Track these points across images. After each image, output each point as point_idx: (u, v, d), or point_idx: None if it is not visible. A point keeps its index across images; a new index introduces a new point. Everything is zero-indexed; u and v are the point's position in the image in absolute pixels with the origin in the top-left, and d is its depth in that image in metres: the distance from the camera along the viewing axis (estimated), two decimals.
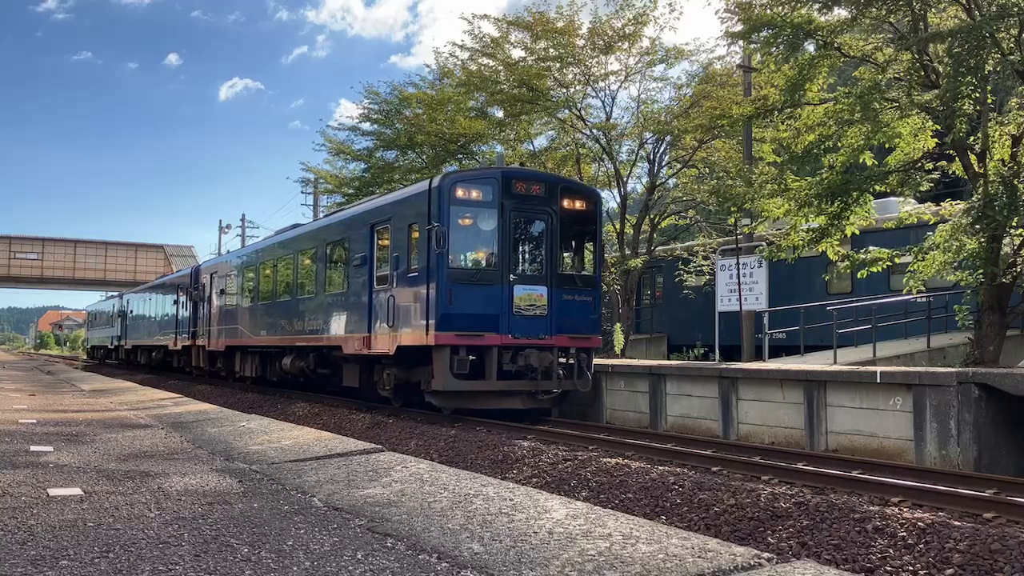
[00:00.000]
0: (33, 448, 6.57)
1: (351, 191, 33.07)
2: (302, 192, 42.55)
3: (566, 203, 13.65)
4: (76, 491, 4.66)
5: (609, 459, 8.97)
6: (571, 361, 13.29)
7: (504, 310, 12.75)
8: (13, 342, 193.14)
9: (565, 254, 13.90)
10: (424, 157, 29.53)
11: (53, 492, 4.62)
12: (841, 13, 14.21)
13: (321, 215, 35.91)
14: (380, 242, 14.59)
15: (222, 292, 24.23)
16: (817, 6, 14.02)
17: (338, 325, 15.69)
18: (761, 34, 14.63)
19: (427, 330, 12.53)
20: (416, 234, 13.25)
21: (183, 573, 3.02)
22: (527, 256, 13.76)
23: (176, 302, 29.47)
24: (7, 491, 4.61)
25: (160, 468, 5.62)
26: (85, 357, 74.05)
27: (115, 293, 57.57)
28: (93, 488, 4.77)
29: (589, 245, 14.27)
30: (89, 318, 63.47)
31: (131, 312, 39.90)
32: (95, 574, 3.00)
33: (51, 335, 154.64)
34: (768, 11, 14.33)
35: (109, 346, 46.97)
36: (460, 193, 12.87)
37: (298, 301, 18.07)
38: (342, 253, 16.18)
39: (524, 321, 12.85)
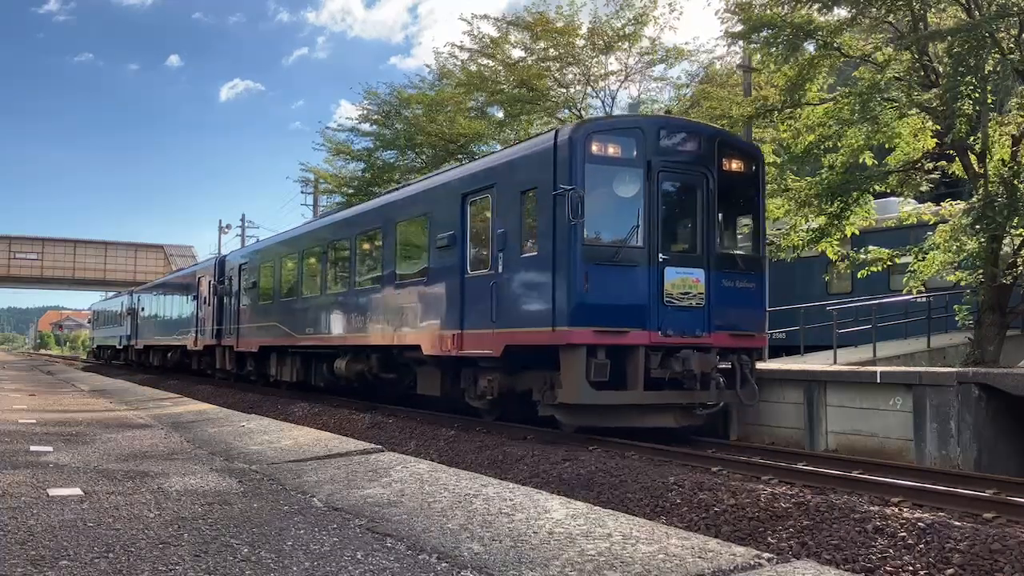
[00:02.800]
0: (33, 448, 6.57)
1: (351, 191, 33.09)
2: (302, 192, 42.46)
3: (725, 163, 10.94)
4: (76, 491, 4.66)
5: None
6: (730, 366, 10.53)
7: (652, 299, 10.08)
8: (13, 342, 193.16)
9: (724, 229, 11.15)
10: (423, 157, 29.55)
11: (53, 492, 4.61)
12: (841, 13, 14.20)
13: (321, 213, 35.82)
14: (476, 217, 11.94)
15: (254, 285, 21.38)
16: (817, 6, 14.01)
17: (413, 320, 13.10)
18: (761, 34, 14.62)
19: (553, 324, 9.93)
20: (533, 202, 10.74)
21: (183, 573, 3.02)
22: (679, 230, 11.06)
23: (196, 298, 26.59)
24: (7, 491, 4.61)
25: (160, 468, 5.62)
26: (85, 357, 74.06)
27: (114, 291, 57.61)
28: (93, 488, 4.77)
29: (749, 217, 11.49)
30: (94, 317, 60.90)
31: (143, 310, 37.05)
32: (95, 574, 3.00)
33: (51, 335, 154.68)
34: (768, 11, 14.33)
35: (117, 346, 44.41)
36: (596, 148, 10.19)
37: (356, 294, 15.46)
38: (419, 233, 13.59)
39: (676, 314, 10.20)
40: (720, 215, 10.87)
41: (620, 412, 10.31)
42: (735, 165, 11.10)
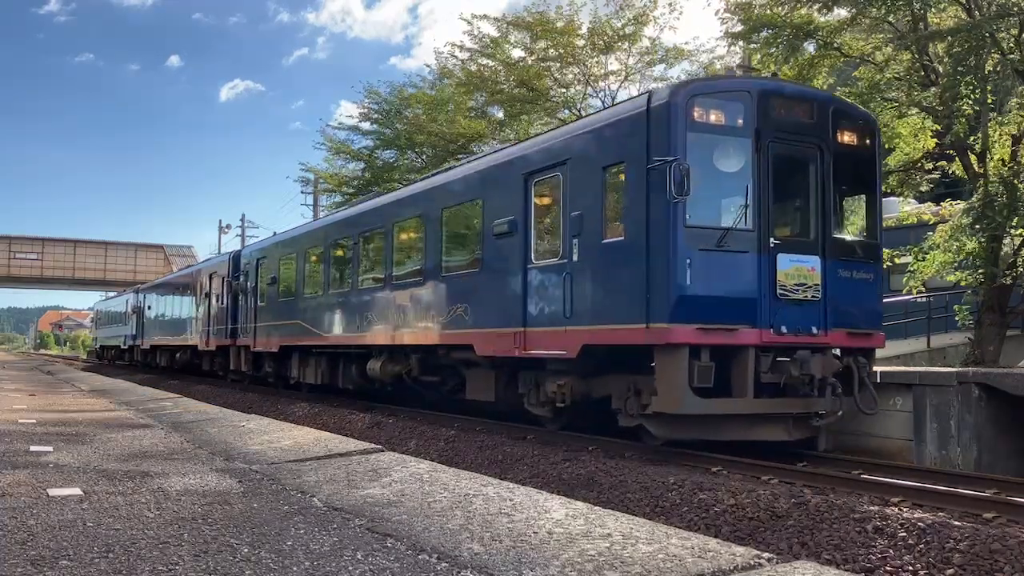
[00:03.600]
0: (33, 448, 6.57)
1: (351, 191, 33.10)
2: (302, 192, 42.54)
3: (839, 134, 9.57)
4: (76, 491, 4.66)
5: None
6: (843, 369, 9.11)
7: (763, 291, 8.79)
8: (13, 342, 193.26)
9: (839, 210, 9.79)
10: (424, 157, 29.56)
11: (53, 492, 4.61)
12: (841, 13, 14.21)
13: (322, 213, 35.78)
14: (543, 199, 10.67)
15: (273, 281, 19.88)
16: (817, 6, 14.02)
17: (463, 317, 11.83)
18: (761, 34, 14.64)
19: (647, 320, 8.58)
20: (619, 179, 9.40)
21: (183, 573, 3.02)
22: (790, 212, 9.84)
23: (208, 295, 25.05)
24: (7, 491, 4.61)
25: (160, 468, 5.62)
26: (85, 357, 74.06)
27: (115, 291, 57.52)
28: (93, 488, 4.77)
29: (864, 196, 10.15)
30: (97, 316, 58.89)
31: (149, 308, 35.38)
32: (95, 574, 3.00)
33: (51, 335, 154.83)
34: (768, 11, 14.34)
35: (122, 346, 42.64)
36: (698, 113, 8.79)
37: (393, 288, 14.06)
38: (470, 220, 12.35)
39: (789, 308, 8.88)
40: (835, 194, 9.53)
41: (723, 424, 8.91)
42: (850, 137, 9.69)
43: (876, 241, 9.91)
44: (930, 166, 14.46)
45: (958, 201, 15.01)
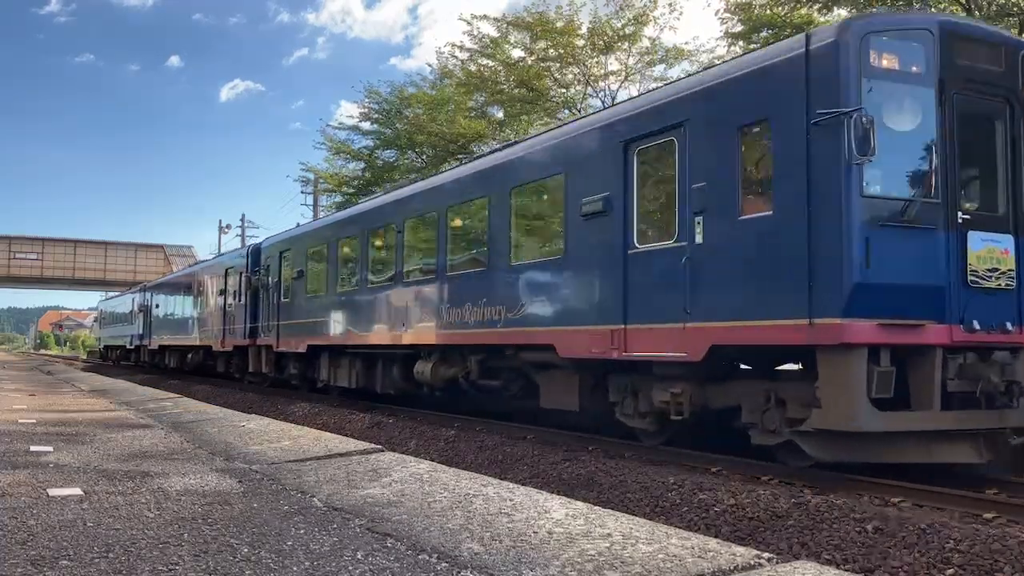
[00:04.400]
0: (33, 448, 6.57)
1: (351, 190, 33.13)
2: (302, 192, 42.60)
3: None
4: (76, 491, 4.66)
5: None
6: None
7: (953, 278, 7.26)
8: (13, 342, 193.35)
9: None
10: (424, 157, 29.58)
11: (53, 492, 4.62)
12: (841, 13, 14.23)
13: (323, 214, 35.70)
14: (649, 169, 9.00)
15: (300, 275, 18.19)
16: (817, 6, 14.04)
17: (540, 312, 10.33)
18: (761, 34, 14.66)
19: (810, 314, 7.03)
20: (762, 141, 7.83)
21: (183, 573, 3.02)
22: (977, 180, 8.07)
23: (223, 292, 23.49)
24: (7, 491, 4.61)
25: (160, 468, 5.62)
26: (86, 357, 74.04)
27: (116, 291, 57.46)
28: (93, 488, 4.77)
29: None
30: (101, 315, 56.25)
31: (157, 307, 33.71)
32: (95, 574, 3.00)
33: (51, 335, 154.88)
34: (768, 11, 14.36)
35: (128, 346, 40.80)
36: (873, 57, 7.21)
37: (447, 280, 12.55)
38: (550, 199, 10.85)
39: (981, 299, 7.34)
40: None
41: (899, 443, 7.32)
42: None
43: None
44: None
45: None
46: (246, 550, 3.35)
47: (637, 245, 8.90)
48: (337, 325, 16.23)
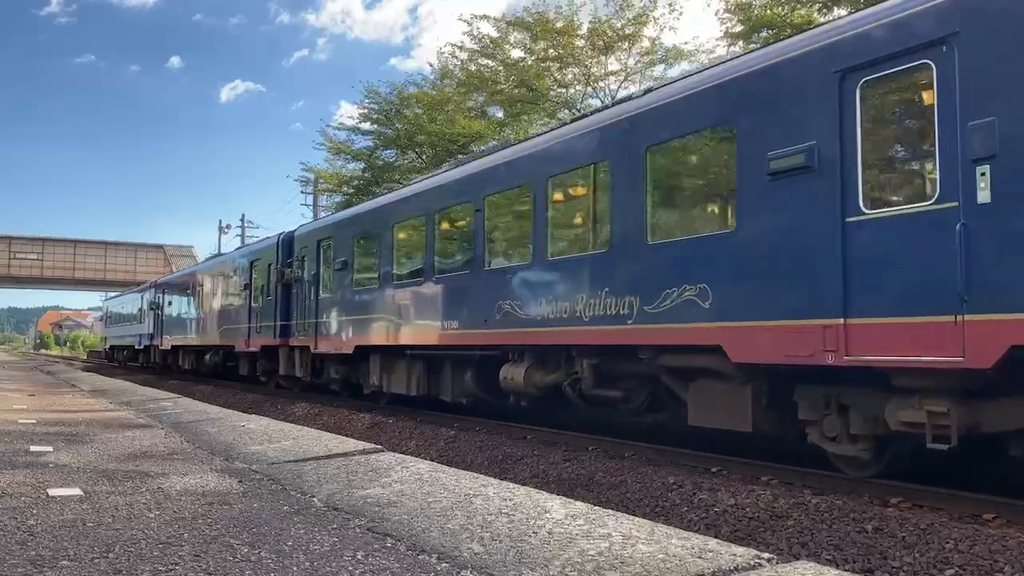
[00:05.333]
0: (33, 448, 6.57)
1: (351, 190, 33.14)
2: (302, 192, 42.66)
3: None
4: (76, 491, 4.66)
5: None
6: None
7: None
8: (13, 342, 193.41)
9: None
10: (424, 157, 29.60)
11: (53, 492, 4.61)
12: (841, 13, 14.23)
13: (322, 213, 35.64)
14: (877, 105, 6.90)
15: (345, 266, 16.10)
16: (817, 6, 14.05)
17: (699, 303, 8.04)
18: (761, 34, 14.66)
19: None
20: None
21: (183, 573, 3.02)
22: None
23: (247, 287, 21.45)
24: (7, 491, 4.61)
25: (160, 468, 5.62)
26: (86, 357, 74.05)
27: (116, 290, 57.42)
28: (93, 488, 4.77)
29: None
30: (107, 314, 53.34)
31: (169, 304, 31.48)
32: (95, 574, 3.00)
33: (51, 335, 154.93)
34: (768, 11, 14.36)
35: (136, 347, 38.56)
36: None
37: (547, 267, 10.38)
38: (711, 156, 8.76)
39: None
40: None
41: None
42: None
43: None
44: None
45: None
46: (246, 550, 3.35)
47: (864, 210, 6.73)
48: (393, 322, 14.07)
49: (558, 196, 10.73)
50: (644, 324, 8.76)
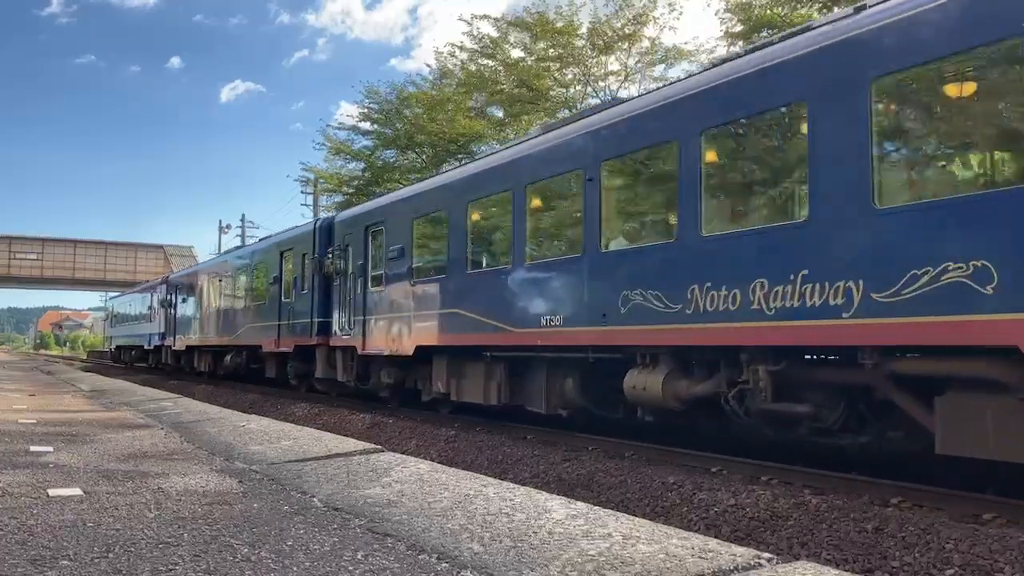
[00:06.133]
0: (33, 448, 6.57)
1: (351, 190, 33.14)
2: (302, 192, 42.67)
3: None
4: (76, 491, 4.66)
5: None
6: None
7: None
8: (13, 342, 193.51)
9: None
10: (424, 157, 29.60)
11: (53, 492, 4.61)
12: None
13: (322, 213, 35.64)
14: None
15: (401, 255, 13.93)
16: (817, 6, 14.04)
17: (977, 289, 5.94)
18: (761, 34, 14.65)
19: None
20: None
21: (183, 573, 3.02)
22: None
23: (277, 280, 19.52)
24: (7, 491, 4.61)
25: (160, 468, 5.62)
26: (86, 357, 74.04)
27: (116, 290, 57.42)
28: (93, 488, 4.77)
29: None
30: (112, 313, 50.52)
31: (184, 301, 29.23)
32: (95, 574, 3.00)
33: (51, 335, 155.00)
34: (768, 11, 14.36)
35: (145, 347, 36.15)
36: None
37: (703, 246, 8.22)
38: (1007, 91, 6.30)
39: None
40: None
41: None
42: None
43: None
44: None
45: None
46: (246, 550, 3.35)
47: None
48: (468, 318, 11.93)
49: (711, 157, 8.42)
50: (872, 318, 6.64)
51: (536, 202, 11.14)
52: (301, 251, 18.22)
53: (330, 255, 16.64)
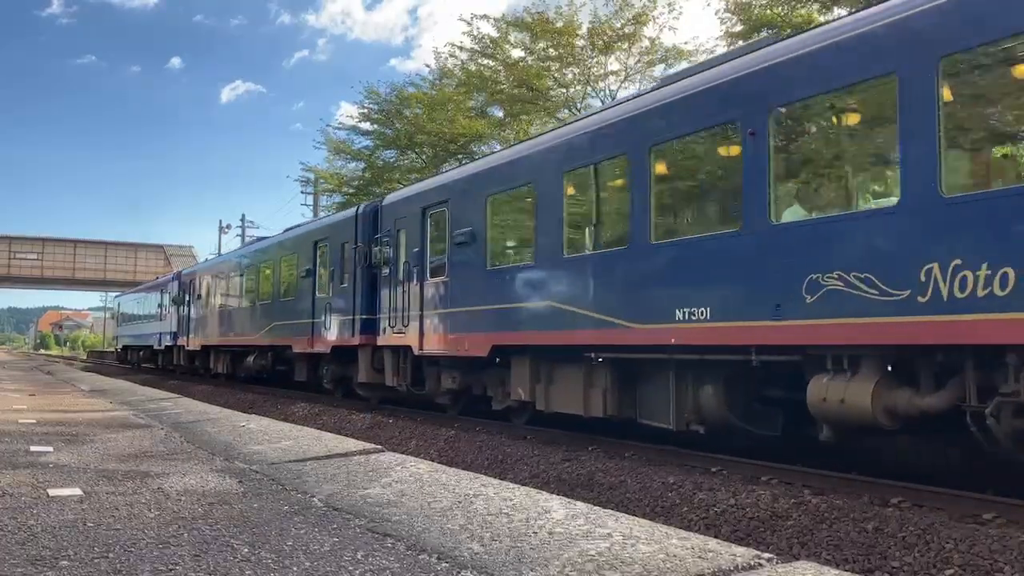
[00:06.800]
0: (33, 448, 6.58)
1: (351, 191, 33.15)
2: (302, 192, 42.68)
3: None
4: (76, 491, 4.66)
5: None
6: None
7: None
8: (13, 342, 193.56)
9: None
10: (424, 157, 29.60)
11: (53, 492, 4.61)
12: (841, 13, 14.23)
13: (323, 214, 35.61)
14: None
15: (470, 239, 11.90)
16: (817, 6, 14.05)
17: None
18: (761, 34, 14.66)
19: None
20: None
21: (183, 573, 3.02)
22: None
23: (312, 272, 17.61)
24: (7, 491, 4.61)
25: (160, 468, 5.62)
26: (85, 357, 74.06)
27: (116, 290, 57.39)
28: (93, 488, 4.77)
29: None
30: (119, 312, 48.03)
31: (199, 298, 27.14)
32: (95, 574, 3.00)
33: (51, 335, 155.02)
34: (768, 11, 14.37)
35: (156, 347, 33.98)
36: None
37: (942, 210, 6.19)
38: None
39: None
40: None
41: None
42: None
43: None
44: None
45: None
46: (246, 550, 3.35)
47: None
48: (564, 312, 9.90)
49: (959, 88, 6.54)
50: None
51: (665, 167, 9.08)
52: (340, 240, 16.39)
53: (378, 243, 14.69)
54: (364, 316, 15.12)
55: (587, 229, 10.33)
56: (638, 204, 9.01)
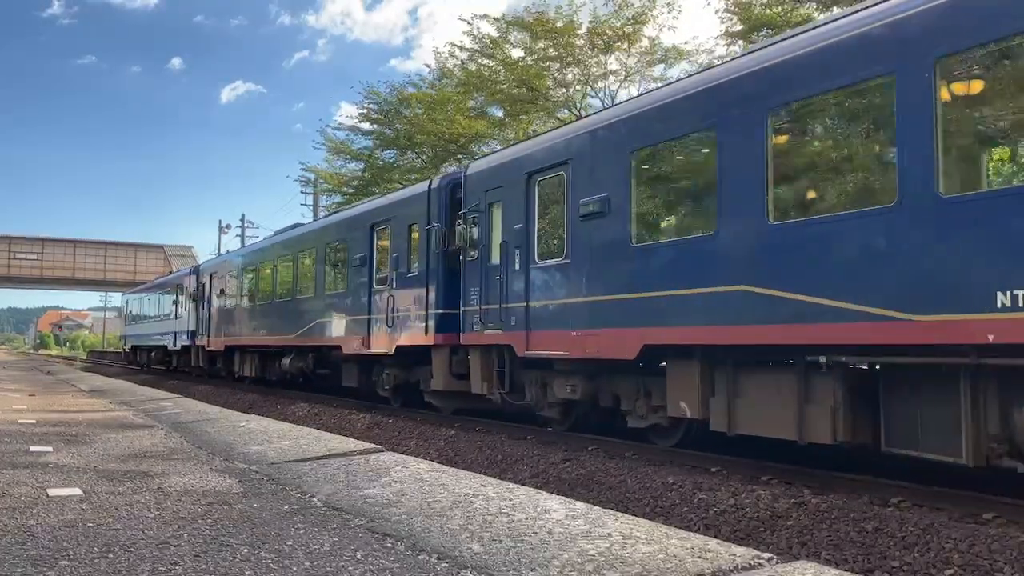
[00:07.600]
0: (33, 448, 6.57)
1: (351, 191, 33.15)
2: (302, 192, 42.71)
3: None
4: (76, 491, 4.66)
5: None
6: None
7: None
8: (13, 342, 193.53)
9: None
10: (424, 157, 29.61)
11: (53, 492, 4.61)
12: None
13: (322, 214, 35.58)
14: None
15: (602, 210, 9.46)
16: (816, 5, 14.05)
17: None
18: (761, 33, 14.66)
19: None
20: None
21: (183, 573, 3.02)
22: None
23: (367, 261, 15.16)
24: (7, 491, 4.61)
25: (160, 468, 5.62)
26: (85, 357, 73.99)
27: (117, 290, 57.29)
28: (93, 488, 4.77)
29: None
30: (127, 310, 44.39)
31: (221, 293, 24.56)
32: (95, 574, 3.00)
33: (51, 335, 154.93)
34: (768, 11, 14.37)
35: (169, 347, 31.41)
36: None
37: None
38: None
39: None
40: None
41: None
42: None
43: None
44: None
45: None
46: (246, 550, 3.35)
47: None
48: (777, 299, 7.28)
49: None
50: None
51: (964, 85, 6.31)
52: (406, 222, 13.99)
53: (462, 223, 12.20)
54: (441, 310, 12.78)
55: (807, 186, 7.62)
56: (914, 141, 6.25)
